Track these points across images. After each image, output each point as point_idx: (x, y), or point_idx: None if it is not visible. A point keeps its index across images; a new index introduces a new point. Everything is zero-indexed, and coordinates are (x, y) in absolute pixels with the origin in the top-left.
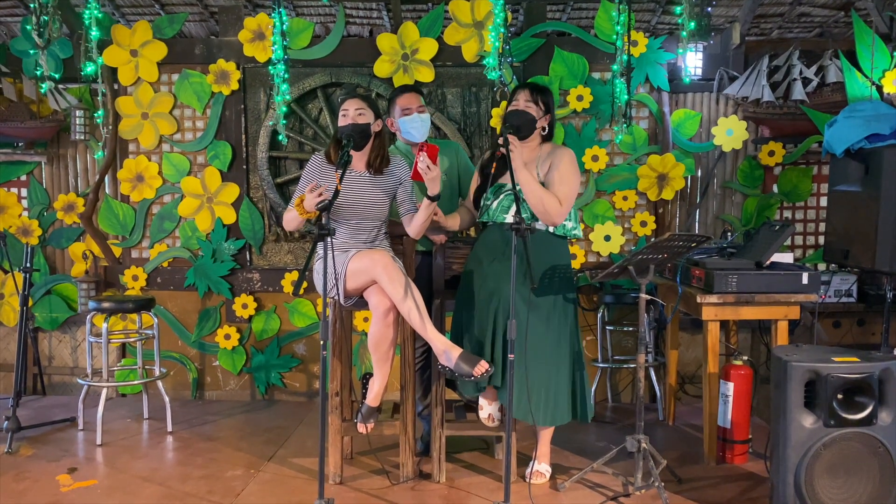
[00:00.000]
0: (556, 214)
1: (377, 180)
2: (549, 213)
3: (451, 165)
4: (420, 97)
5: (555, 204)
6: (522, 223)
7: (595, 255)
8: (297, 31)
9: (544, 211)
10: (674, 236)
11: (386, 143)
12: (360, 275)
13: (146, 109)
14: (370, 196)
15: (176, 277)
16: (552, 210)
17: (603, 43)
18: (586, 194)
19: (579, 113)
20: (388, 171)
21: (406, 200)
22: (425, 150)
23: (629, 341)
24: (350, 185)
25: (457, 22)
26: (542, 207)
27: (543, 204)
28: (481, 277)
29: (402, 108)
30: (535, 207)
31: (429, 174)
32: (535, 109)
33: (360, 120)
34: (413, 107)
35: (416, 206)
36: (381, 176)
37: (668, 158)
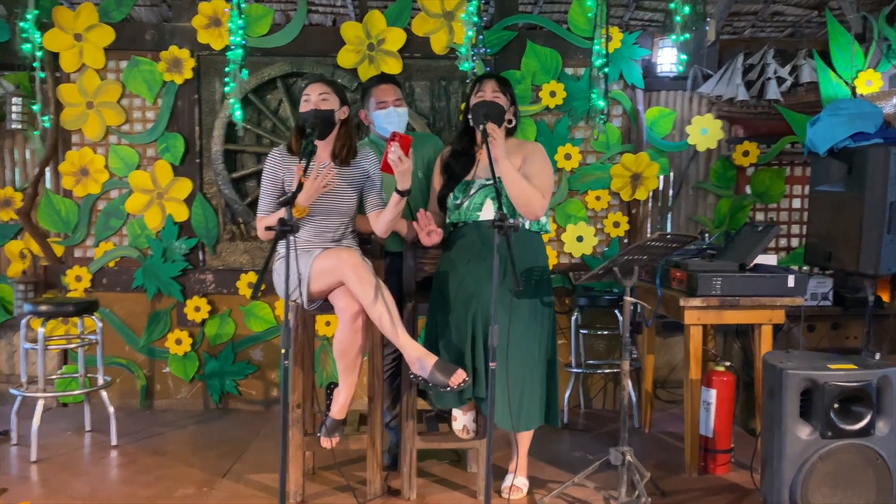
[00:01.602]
0: (538, 207)
1: (343, 172)
2: (532, 206)
3: (429, 161)
4: (398, 90)
5: (538, 196)
6: (506, 219)
7: (567, 257)
8: (255, 18)
9: (527, 203)
10: (663, 236)
11: (353, 133)
12: (327, 276)
13: (91, 98)
14: (335, 190)
15: (123, 278)
16: (536, 203)
17: (577, 37)
18: (559, 194)
19: (552, 109)
20: (354, 163)
21: (373, 195)
22: (397, 139)
23: (601, 345)
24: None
25: (425, 12)
26: (526, 200)
27: (527, 196)
28: (458, 279)
29: (378, 101)
30: (518, 200)
31: (400, 166)
32: (503, 100)
33: (323, 105)
34: (389, 100)
35: (384, 202)
36: (347, 168)
37: (641, 158)
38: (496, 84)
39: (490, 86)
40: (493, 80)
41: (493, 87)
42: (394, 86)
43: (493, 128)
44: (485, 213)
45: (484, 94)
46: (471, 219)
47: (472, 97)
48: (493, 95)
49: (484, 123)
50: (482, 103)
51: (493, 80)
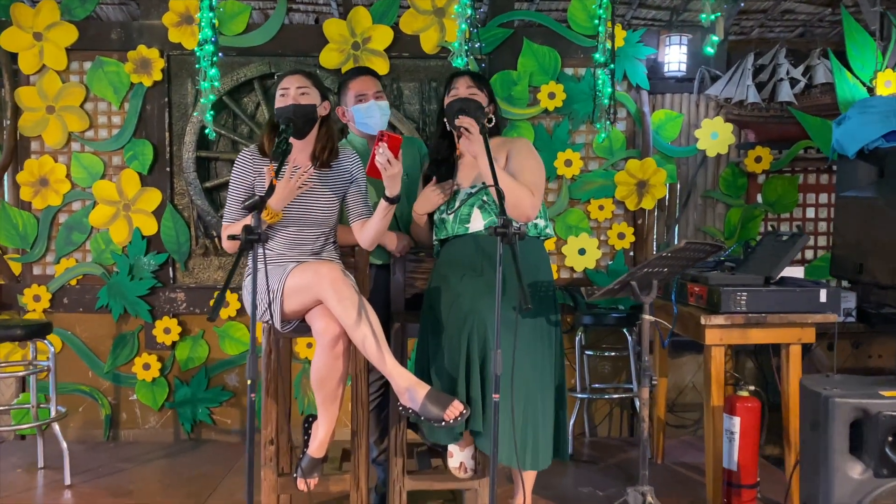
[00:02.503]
0: (529, 206)
1: (323, 176)
2: (521, 206)
3: (414, 165)
4: (377, 82)
5: (526, 194)
6: (510, 225)
7: (568, 271)
8: (230, 15)
9: (516, 203)
10: (690, 244)
11: (334, 131)
12: (302, 293)
13: (52, 102)
14: (314, 196)
15: (86, 297)
16: (525, 201)
17: (577, 35)
18: (558, 203)
19: (551, 112)
20: (336, 166)
21: (358, 202)
22: (385, 139)
23: (606, 367)
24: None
25: (415, 8)
26: (514, 199)
27: (515, 194)
28: (452, 296)
29: (357, 94)
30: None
31: (389, 170)
32: (481, 97)
33: (303, 100)
34: (369, 92)
35: (370, 211)
36: (328, 171)
37: (648, 164)
38: (471, 80)
39: (464, 82)
40: (466, 76)
41: (468, 83)
42: (372, 77)
43: (468, 122)
44: (474, 224)
45: (458, 91)
46: (458, 232)
47: (446, 97)
48: (469, 92)
49: (456, 118)
50: (456, 101)
51: (467, 76)
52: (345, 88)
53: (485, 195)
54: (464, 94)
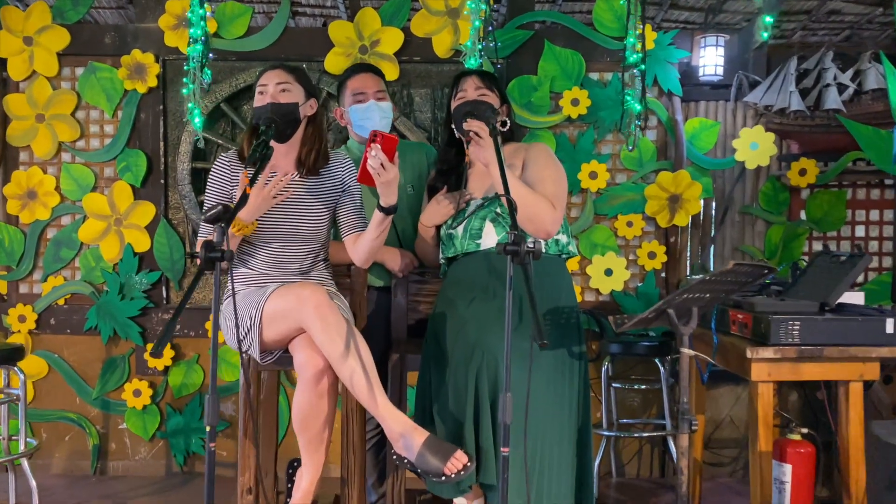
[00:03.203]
0: (549, 221)
1: (311, 185)
2: (540, 221)
3: (420, 173)
4: (379, 80)
5: (546, 206)
6: (522, 242)
7: (594, 293)
8: (231, 17)
9: (533, 217)
10: (739, 266)
11: (323, 133)
12: (282, 320)
13: (42, 110)
14: (301, 207)
15: (74, 318)
16: (545, 215)
17: (603, 37)
18: (583, 219)
19: (574, 120)
20: (326, 173)
21: (351, 214)
22: (378, 140)
23: (636, 400)
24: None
25: (427, 9)
26: (531, 213)
27: (533, 208)
28: (458, 324)
29: (354, 94)
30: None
31: (383, 175)
32: (491, 97)
33: (283, 98)
34: (369, 91)
35: (365, 223)
36: (316, 179)
37: (681, 176)
38: (479, 80)
39: (472, 83)
40: (474, 75)
41: (477, 83)
42: (373, 75)
43: (477, 125)
44: (486, 240)
45: (466, 93)
46: (468, 249)
47: (453, 101)
48: (478, 94)
49: (464, 121)
50: (464, 103)
51: (475, 75)
52: (342, 88)
53: (498, 206)
54: (472, 96)
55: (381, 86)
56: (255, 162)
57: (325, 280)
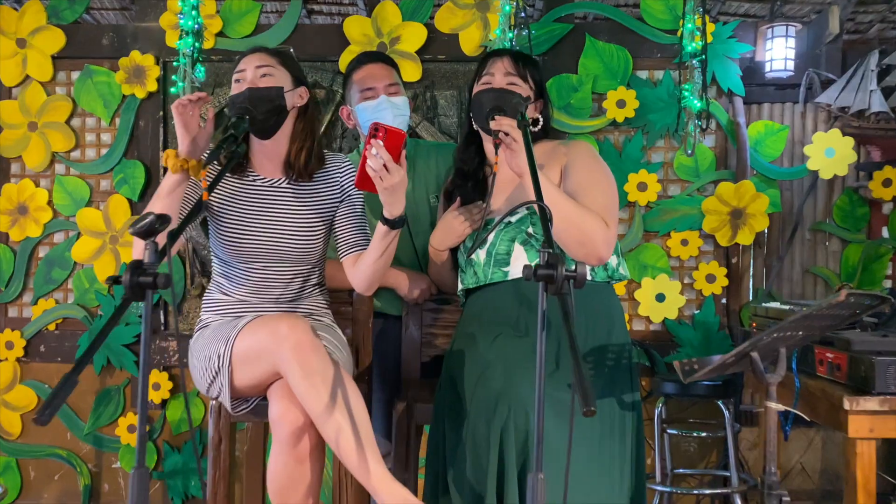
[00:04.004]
0: (602, 242)
1: (302, 192)
2: (591, 243)
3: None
4: (391, 71)
5: (597, 225)
6: (558, 264)
7: (643, 322)
8: (237, 14)
9: (582, 238)
10: (853, 296)
11: (316, 128)
12: (255, 361)
13: (35, 118)
14: (289, 220)
15: (66, 345)
16: (596, 235)
17: (653, 30)
18: (630, 236)
19: (620, 124)
20: (321, 178)
21: (351, 229)
22: (380, 135)
23: (693, 446)
24: (253, 202)
25: (452, 2)
26: (578, 233)
27: (580, 226)
28: (479, 367)
29: (362, 88)
30: (565, 236)
31: (386, 178)
32: (523, 88)
33: (264, 83)
34: (379, 85)
35: (368, 240)
36: (308, 185)
37: (744, 188)
38: (512, 63)
39: (503, 66)
40: (506, 56)
41: (507, 66)
42: (384, 65)
43: (507, 123)
44: (515, 267)
45: (493, 78)
46: (494, 279)
47: (476, 85)
48: (507, 81)
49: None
50: (488, 91)
51: (507, 56)
52: (348, 82)
53: (531, 225)
54: (500, 84)
55: (393, 77)
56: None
57: (319, 309)
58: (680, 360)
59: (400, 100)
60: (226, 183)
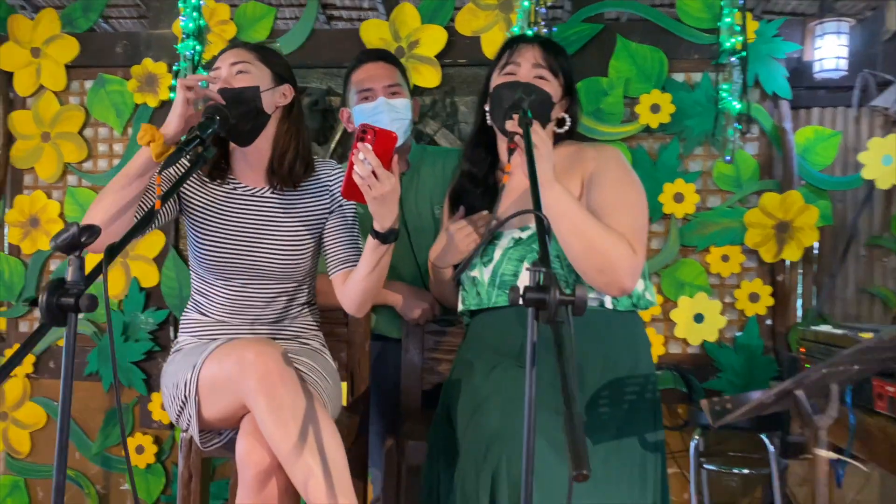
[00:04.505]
0: (627, 271)
1: (288, 202)
2: (613, 270)
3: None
4: (393, 70)
5: (623, 251)
6: (555, 289)
7: (679, 344)
8: (252, 19)
9: (605, 266)
10: None
11: (303, 132)
12: (222, 392)
13: (48, 128)
14: (273, 232)
15: (75, 362)
16: (621, 262)
17: (690, 30)
18: (666, 251)
19: (654, 131)
20: (309, 186)
21: (341, 242)
22: (368, 137)
23: (733, 482)
24: (233, 212)
25: (474, 2)
26: (600, 259)
27: (601, 250)
28: (472, 401)
29: (360, 89)
30: (584, 259)
31: (375, 187)
32: (552, 84)
33: (239, 82)
34: (377, 86)
35: (360, 254)
36: (294, 194)
37: (791, 199)
38: (543, 54)
39: (531, 55)
40: (536, 45)
41: (537, 57)
42: (385, 64)
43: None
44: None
45: (518, 69)
46: (498, 303)
47: (496, 74)
48: (535, 74)
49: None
50: (512, 86)
51: (538, 45)
52: (347, 83)
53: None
54: (526, 77)
55: (395, 78)
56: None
57: (307, 331)
58: (709, 399)
59: (400, 102)
60: (204, 190)
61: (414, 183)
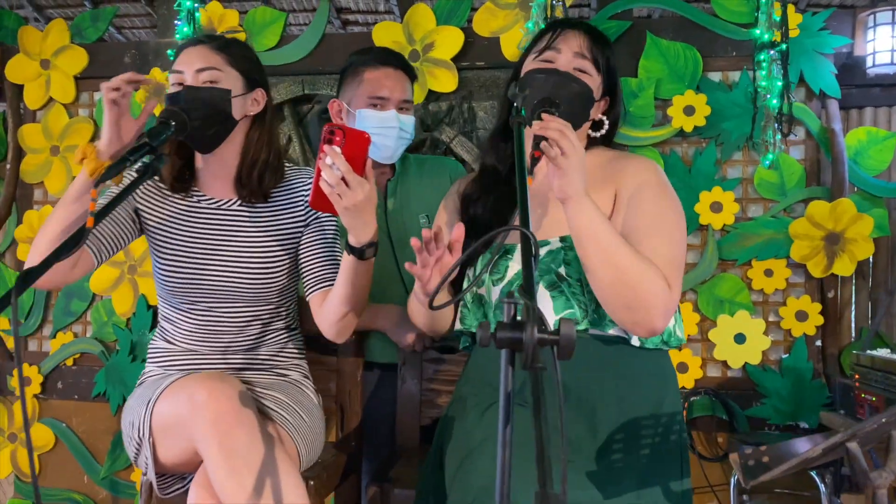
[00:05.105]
0: (660, 310)
1: (259, 215)
2: (644, 308)
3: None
4: (409, 85)
5: (657, 286)
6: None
7: (718, 367)
8: (261, 25)
9: (634, 303)
10: None
11: (275, 139)
12: (174, 434)
13: (57, 141)
14: (243, 249)
15: (82, 382)
16: (654, 299)
17: (725, 24)
18: (702, 266)
19: (689, 135)
20: (281, 196)
21: (318, 259)
22: (337, 139)
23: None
24: (197, 227)
25: (492, 1)
26: (630, 296)
27: (634, 286)
28: (462, 446)
29: (372, 95)
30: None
31: (346, 196)
32: (593, 80)
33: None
34: (394, 97)
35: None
36: (266, 206)
37: (842, 207)
38: (587, 42)
39: (576, 42)
40: (581, 32)
41: (582, 45)
42: (404, 75)
43: (557, 128)
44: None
45: (557, 56)
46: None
47: (531, 59)
48: (576, 65)
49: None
50: (547, 74)
51: (582, 32)
52: (354, 76)
53: (563, 264)
54: (566, 67)
55: (408, 94)
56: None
57: (286, 360)
58: (740, 453)
59: (409, 120)
60: (165, 203)
61: (401, 192)
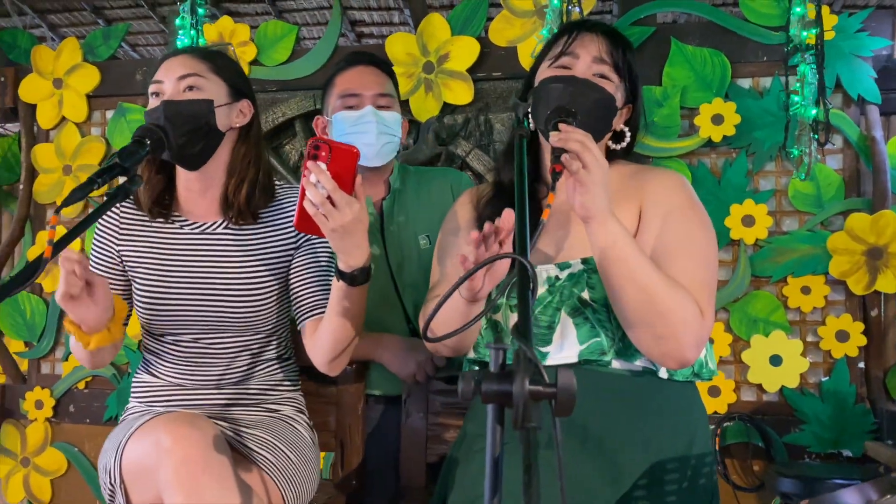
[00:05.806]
0: (691, 340)
1: (246, 238)
2: (675, 338)
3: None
4: (384, 78)
5: (690, 313)
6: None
7: (753, 391)
8: (272, 40)
9: (664, 332)
10: None
11: (263, 155)
12: (143, 480)
13: (69, 161)
14: (229, 275)
15: (94, 405)
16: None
17: (755, 28)
18: (734, 283)
19: (717, 145)
20: (271, 217)
21: (309, 284)
22: (322, 154)
23: None
24: (179, 253)
25: (510, 10)
26: (660, 325)
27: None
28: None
29: (344, 94)
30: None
31: (333, 217)
32: (616, 85)
33: (187, 96)
34: (366, 93)
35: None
36: (254, 228)
37: (886, 220)
38: (607, 46)
39: (595, 47)
40: (600, 35)
41: (602, 50)
42: (376, 69)
43: (578, 139)
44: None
45: (575, 62)
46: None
47: (545, 66)
48: (595, 70)
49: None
50: (565, 82)
51: (602, 36)
52: (329, 88)
53: (587, 288)
54: (584, 73)
55: (386, 87)
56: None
57: (279, 393)
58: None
59: (390, 116)
60: (143, 230)
61: (398, 210)
